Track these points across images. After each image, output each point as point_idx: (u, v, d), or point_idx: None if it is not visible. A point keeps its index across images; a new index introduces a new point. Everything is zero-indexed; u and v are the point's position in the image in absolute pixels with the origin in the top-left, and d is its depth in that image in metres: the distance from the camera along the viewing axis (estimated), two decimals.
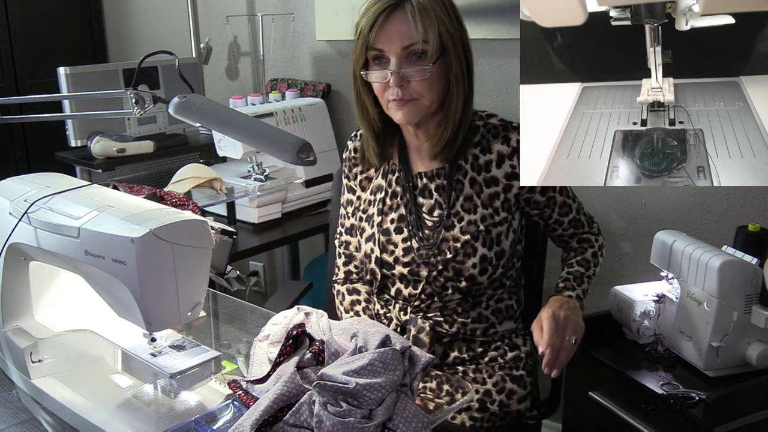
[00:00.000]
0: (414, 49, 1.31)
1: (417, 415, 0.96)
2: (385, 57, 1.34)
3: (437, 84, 1.35)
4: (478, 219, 1.41)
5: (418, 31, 1.30)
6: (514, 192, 1.42)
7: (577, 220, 1.52)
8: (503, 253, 1.43)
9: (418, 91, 1.34)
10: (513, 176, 1.40)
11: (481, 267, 1.40)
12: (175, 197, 1.56)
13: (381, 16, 1.31)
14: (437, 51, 1.32)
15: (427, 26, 1.30)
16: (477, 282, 1.41)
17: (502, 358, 1.47)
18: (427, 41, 1.30)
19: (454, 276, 1.41)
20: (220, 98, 2.77)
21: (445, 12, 1.33)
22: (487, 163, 1.42)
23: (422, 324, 1.43)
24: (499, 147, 1.41)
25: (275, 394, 0.97)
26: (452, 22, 1.34)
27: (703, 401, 1.36)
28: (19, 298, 1.22)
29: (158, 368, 1.11)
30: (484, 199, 1.42)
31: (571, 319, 1.35)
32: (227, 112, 1.15)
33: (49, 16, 3.33)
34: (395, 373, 0.99)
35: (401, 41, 1.31)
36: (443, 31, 1.32)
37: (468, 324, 1.45)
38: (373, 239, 1.49)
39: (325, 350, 1.08)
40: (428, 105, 1.36)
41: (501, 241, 1.42)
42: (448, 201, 1.43)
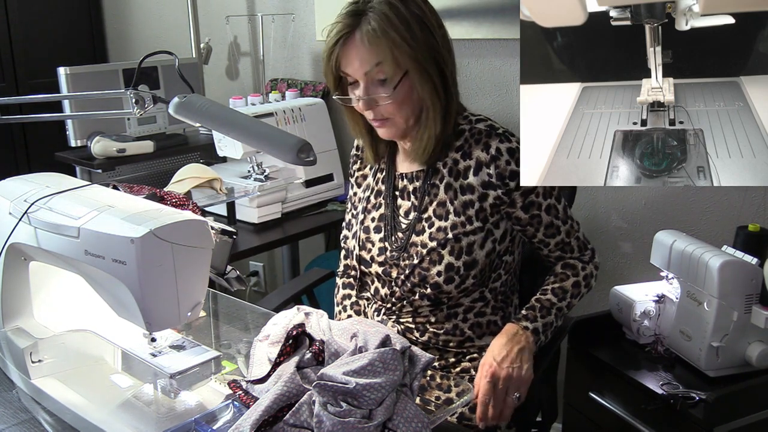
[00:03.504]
0: (377, 73, 1.31)
1: (417, 415, 0.96)
2: (354, 79, 1.34)
3: (407, 102, 1.34)
4: (449, 226, 1.38)
5: (370, 58, 1.29)
6: (489, 202, 1.37)
7: (565, 243, 1.45)
8: (474, 264, 1.38)
9: (389, 111, 1.34)
10: (489, 185, 1.36)
11: (447, 275, 1.37)
12: (175, 197, 1.56)
13: (339, 43, 1.31)
14: (396, 74, 1.30)
15: (378, 52, 1.29)
16: (443, 290, 1.38)
17: (475, 370, 1.40)
18: (381, 64, 1.29)
19: (419, 282, 1.39)
20: (220, 98, 2.77)
21: (405, 28, 1.29)
22: (466, 169, 1.39)
23: (392, 328, 1.43)
24: (478, 153, 1.37)
25: (275, 394, 0.97)
26: (413, 39, 1.29)
27: (703, 401, 1.36)
28: (19, 298, 1.22)
29: (158, 368, 1.11)
30: (457, 207, 1.38)
31: (512, 378, 1.29)
32: (227, 112, 1.15)
33: (49, 16, 3.33)
34: (395, 373, 0.99)
35: (362, 67, 1.31)
36: (399, 53, 1.29)
37: (440, 335, 1.42)
38: (356, 236, 1.50)
39: (325, 350, 1.08)
40: (403, 122, 1.36)
41: (473, 250, 1.37)
42: (421, 205, 1.42)
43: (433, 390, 1.23)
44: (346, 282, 1.60)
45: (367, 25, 1.28)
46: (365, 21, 1.29)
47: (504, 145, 1.36)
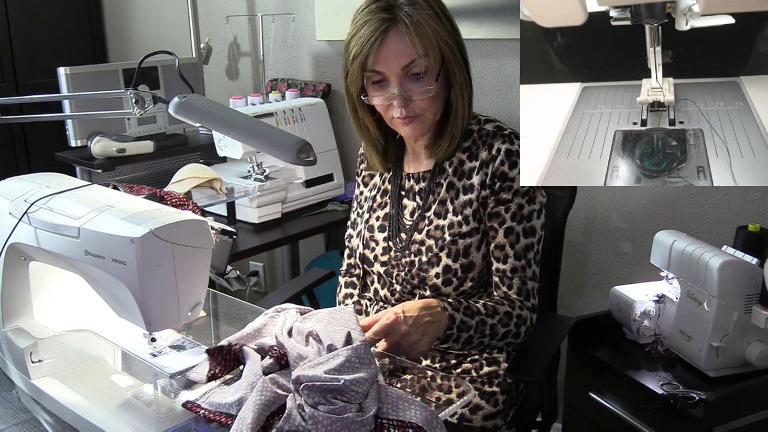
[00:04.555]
0: (414, 67, 1.29)
1: (400, 396, 0.98)
2: (384, 78, 1.31)
3: (439, 96, 1.34)
4: (446, 225, 1.37)
5: (417, 48, 1.27)
6: (481, 201, 1.36)
7: (506, 276, 1.35)
8: (471, 266, 1.37)
9: (422, 107, 1.33)
10: (483, 184, 1.35)
11: (444, 277, 1.36)
12: (175, 197, 1.56)
13: (377, 38, 1.27)
14: (438, 64, 1.30)
15: (426, 41, 1.27)
16: (442, 292, 1.37)
17: (476, 372, 1.40)
18: (428, 55, 1.28)
19: (419, 284, 1.39)
20: (220, 98, 2.78)
21: (439, 20, 1.29)
22: (471, 170, 1.38)
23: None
24: (483, 154, 1.37)
25: (257, 405, 0.96)
26: (447, 29, 1.31)
27: (703, 401, 1.36)
28: (19, 298, 1.22)
29: (158, 368, 1.11)
30: (456, 206, 1.38)
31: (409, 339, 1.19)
32: (227, 112, 1.15)
33: (49, 16, 3.33)
34: (371, 366, 1.00)
35: (400, 61, 1.28)
36: (441, 42, 1.29)
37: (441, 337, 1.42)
38: (360, 235, 1.50)
39: (288, 354, 1.08)
40: (432, 117, 1.36)
41: (469, 253, 1.36)
42: (424, 204, 1.42)
43: (434, 391, 1.23)
44: (348, 281, 1.60)
45: (408, 17, 1.26)
46: (402, 14, 1.27)
47: (504, 146, 1.36)
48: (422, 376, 1.23)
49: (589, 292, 2.26)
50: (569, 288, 2.28)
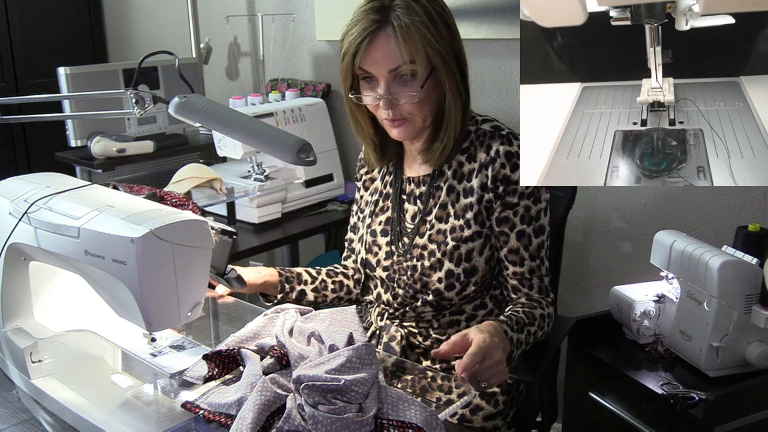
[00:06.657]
0: (401, 72, 1.28)
1: (400, 397, 0.98)
2: (373, 77, 1.31)
3: (428, 101, 1.32)
4: (448, 230, 1.36)
5: (403, 54, 1.26)
6: (484, 205, 1.35)
7: (525, 278, 1.36)
8: (474, 271, 1.36)
9: (409, 111, 1.31)
10: (485, 187, 1.34)
11: (447, 282, 1.36)
12: (175, 197, 1.56)
13: (365, 38, 1.27)
14: (426, 70, 1.28)
15: (412, 48, 1.26)
16: (444, 297, 1.37)
17: None
18: (414, 61, 1.27)
19: (422, 288, 1.38)
20: (220, 98, 2.78)
21: (432, 25, 1.27)
22: (470, 172, 1.37)
23: (395, 333, 1.42)
24: (481, 155, 1.36)
25: (256, 405, 0.96)
26: (440, 36, 1.28)
27: (703, 401, 1.36)
28: (19, 298, 1.22)
29: (158, 368, 1.11)
30: (457, 210, 1.37)
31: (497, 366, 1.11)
32: (227, 112, 1.15)
33: (49, 16, 3.33)
34: (372, 366, 1.00)
35: (387, 64, 1.27)
36: (429, 50, 1.27)
37: (443, 341, 1.36)
38: (362, 239, 1.50)
39: (288, 354, 1.08)
40: (422, 122, 1.34)
41: (472, 257, 1.35)
42: (425, 208, 1.41)
43: (434, 391, 1.23)
44: None
45: (397, 20, 1.25)
46: (393, 17, 1.26)
47: (504, 148, 1.34)
48: (423, 377, 1.23)
49: (589, 292, 2.26)
50: (569, 288, 2.28)
